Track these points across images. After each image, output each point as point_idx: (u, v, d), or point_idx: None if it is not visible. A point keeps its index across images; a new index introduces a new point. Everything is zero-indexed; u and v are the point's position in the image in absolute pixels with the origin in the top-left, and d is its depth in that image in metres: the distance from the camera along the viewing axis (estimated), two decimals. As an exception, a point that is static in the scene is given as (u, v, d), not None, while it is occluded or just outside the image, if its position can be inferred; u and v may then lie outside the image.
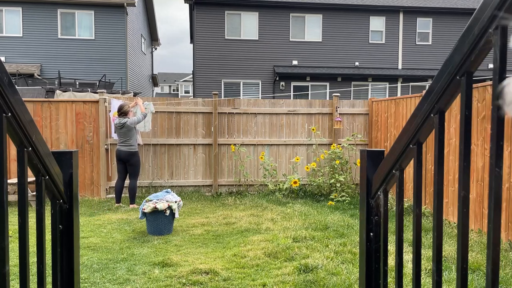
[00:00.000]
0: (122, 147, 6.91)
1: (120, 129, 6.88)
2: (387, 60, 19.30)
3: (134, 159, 6.95)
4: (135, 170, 7.00)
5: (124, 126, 6.85)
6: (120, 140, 6.95)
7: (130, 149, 6.90)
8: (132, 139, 6.90)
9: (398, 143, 1.44)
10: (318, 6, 18.80)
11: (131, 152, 6.90)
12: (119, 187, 7.08)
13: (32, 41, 17.80)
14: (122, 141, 6.92)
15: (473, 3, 19.73)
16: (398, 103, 7.41)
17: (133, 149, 6.92)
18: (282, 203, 7.23)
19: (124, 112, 6.93)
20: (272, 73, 18.73)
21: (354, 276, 3.76)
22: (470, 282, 3.64)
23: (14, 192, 6.82)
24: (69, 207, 1.74)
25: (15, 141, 1.29)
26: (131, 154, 6.90)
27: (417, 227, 1.38)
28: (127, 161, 6.94)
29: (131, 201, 7.05)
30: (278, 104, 8.53)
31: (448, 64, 1.12)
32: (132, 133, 6.90)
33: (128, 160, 6.92)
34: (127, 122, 6.83)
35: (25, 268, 1.35)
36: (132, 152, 6.91)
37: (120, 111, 6.95)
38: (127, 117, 6.94)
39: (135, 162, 6.97)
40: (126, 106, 7.01)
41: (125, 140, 6.89)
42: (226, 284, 3.73)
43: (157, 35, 26.16)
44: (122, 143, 6.92)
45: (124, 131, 6.86)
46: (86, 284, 3.76)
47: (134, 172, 6.99)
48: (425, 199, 6.42)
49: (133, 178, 7.00)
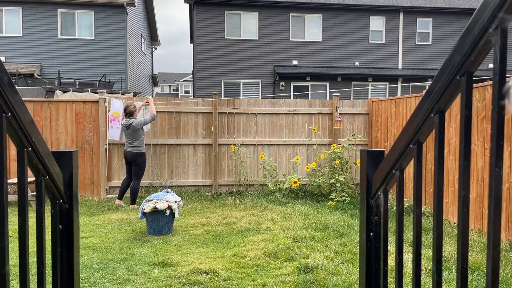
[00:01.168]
0: (129, 147, 6.90)
1: (126, 130, 6.87)
2: (387, 60, 19.30)
3: (139, 160, 6.91)
4: (139, 171, 6.97)
5: (130, 127, 6.82)
6: (127, 141, 6.94)
7: (136, 150, 6.87)
8: (138, 140, 6.87)
9: (398, 143, 1.44)
10: (318, 6, 18.80)
11: (137, 153, 6.88)
12: (125, 185, 7.10)
13: (32, 41, 17.80)
14: (129, 142, 6.90)
15: (473, 3, 19.73)
16: (398, 103, 7.41)
17: (139, 150, 6.89)
18: (282, 203, 7.23)
19: (130, 112, 6.89)
20: (272, 73, 18.73)
21: (354, 276, 3.76)
22: (470, 282, 3.64)
23: (14, 192, 6.82)
24: (69, 207, 1.74)
25: (15, 141, 1.29)
26: (137, 155, 6.88)
27: (417, 227, 1.38)
28: (133, 162, 6.92)
29: (131, 201, 7.03)
30: (278, 104, 8.53)
31: (448, 64, 1.12)
32: (139, 134, 6.87)
33: (134, 160, 6.90)
34: (133, 123, 6.80)
35: (25, 268, 1.35)
36: (138, 153, 6.88)
37: (125, 112, 6.93)
38: (133, 117, 6.90)
39: (141, 163, 6.95)
40: (131, 106, 6.96)
41: (131, 140, 6.87)
42: (226, 284, 3.73)
43: (157, 35, 26.17)
44: (129, 144, 6.90)
45: (130, 132, 6.84)
46: (86, 284, 3.76)
47: (138, 173, 6.96)
48: (425, 199, 6.42)
49: (136, 178, 6.97)
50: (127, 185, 7.09)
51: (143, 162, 7.00)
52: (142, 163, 6.98)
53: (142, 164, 6.98)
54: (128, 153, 6.92)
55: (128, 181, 7.08)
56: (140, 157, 6.93)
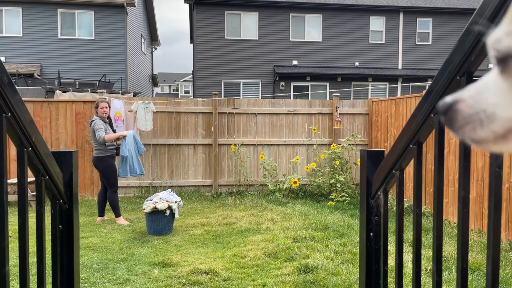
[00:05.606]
0: (93, 151, 6.02)
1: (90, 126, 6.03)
2: (387, 60, 19.30)
3: (101, 166, 5.90)
4: (108, 180, 5.93)
5: (90, 125, 5.96)
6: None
7: (95, 154, 5.93)
8: (96, 144, 5.88)
9: (398, 143, 1.44)
10: (318, 6, 18.79)
11: (97, 158, 5.90)
12: (101, 198, 6.12)
13: (32, 41, 17.79)
14: (93, 145, 5.98)
15: (473, 3, 19.72)
16: (398, 103, 7.40)
17: (99, 154, 5.88)
18: (282, 203, 7.23)
19: (96, 107, 6.03)
20: (272, 73, 18.72)
21: (354, 276, 3.76)
22: (470, 282, 3.64)
23: (14, 192, 6.81)
24: (69, 207, 1.74)
25: (15, 141, 1.29)
26: (97, 159, 5.91)
27: (417, 227, 1.38)
28: (96, 168, 6.05)
29: (115, 214, 6.10)
30: (278, 104, 8.53)
31: (448, 64, 1.12)
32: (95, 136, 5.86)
33: (96, 166, 5.98)
34: (93, 122, 5.90)
35: (25, 268, 1.35)
36: (97, 158, 5.90)
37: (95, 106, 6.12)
38: (97, 116, 5.95)
39: (104, 170, 5.91)
40: (97, 101, 6.09)
41: (93, 143, 5.95)
42: (226, 284, 3.73)
43: (157, 35, 26.16)
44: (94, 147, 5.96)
45: (91, 130, 5.96)
46: (86, 284, 3.76)
47: (107, 182, 5.94)
48: (425, 199, 6.42)
49: (109, 187, 5.97)
50: (103, 199, 6.11)
51: (107, 168, 5.90)
52: (105, 169, 5.90)
53: (106, 170, 5.91)
54: (92, 158, 6.08)
55: (103, 193, 6.09)
56: (101, 162, 5.88)
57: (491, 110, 0.52)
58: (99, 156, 5.88)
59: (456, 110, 0.55)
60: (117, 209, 6.07)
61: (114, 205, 6.02)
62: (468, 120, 0.53)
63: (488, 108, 0.52)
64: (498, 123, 0.51)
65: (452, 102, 0.55)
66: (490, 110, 0.52)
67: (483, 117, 0.52)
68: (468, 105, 0.54)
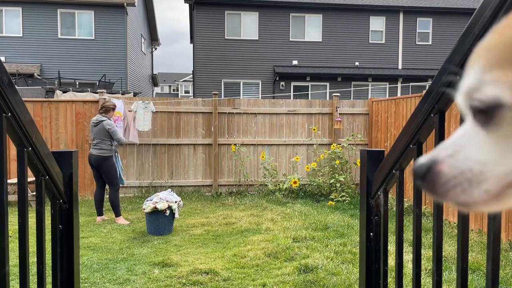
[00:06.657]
0: (94, 150, 6.00)
1: (94, 127, 6.02)
2: (387, 60, 19.30)
3: (105, 165, 5.97)
4: (111, 179, 6.03)
5: (98, 125, 5.99)
6: (92, 143, 6.05)
7: (100, 153, 5.96)
8: (103, 143, 5.96)
9: (398, 143, 1.44)
10: (318, 6, 18.79)
11: (102, 157, 5.96)
12: (98, 198, 6.15)
13: (32, 41, 17.79)
14: (94, 144, 6.01)
15: (473, 3, 19.72)
16: (398, 103, 7.40)
17: (104, 153, 5.96)
18: (282, 203, 7.23)
19: (106, 109, 6.10)
20: (272, 73, 18.72)
21: (354, 276, 3.76)
22: (470, 282, 3.64)
23: (14, 192, 6.81)
24: (69, 207, 1.74)
25: (15, 141, 1.29)
26: (102, 159, 5.96)
27: (417, 227, 1.38)
28: (98, 167, 6.02)
29: (116, 214, 6.13)
30: (278, 104, 8.53)
31: (448, 64, 1.12)
32: (104, 136, 5.97)
33: (100, 166, 5.99)
34: (104, 121, 5.98)
35: (25, 268, 1.35)
36: (103, 157, 5.96)
37: (101, 107, 6.18)
38: (107, 116, 6.07)
39: (108, 169, 5.99)
40: (109, 103, 6.25)
41: (97, 142, 5.98)
42: (226, 284, 3.73)
43: (157, 35, 26.16)
44: (94, 146, 6.00)
45: (97, 130, 5.99)
46: (86, 284, 3.76)
47: (110, 181, 6.03)
48: (425, 199, 6.41)
49: (112, 186, 6.05)
50: (100, 198, 6.14)
51: (111, 167, 6.01)
52: (109, 168, 5.99)
53: (111, 169, 6.00)
54: (92, 156, 6.00)
55: (100, 192, 6.13)
56: (106, 161, 5.97)
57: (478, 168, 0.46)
58: (104, 155, 5.97)
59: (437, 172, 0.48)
60: (117, 209, 6.11)
61: (116, 204, 6.07)
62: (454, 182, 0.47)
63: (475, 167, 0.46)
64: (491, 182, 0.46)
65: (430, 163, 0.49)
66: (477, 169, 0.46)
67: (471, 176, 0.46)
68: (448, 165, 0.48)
